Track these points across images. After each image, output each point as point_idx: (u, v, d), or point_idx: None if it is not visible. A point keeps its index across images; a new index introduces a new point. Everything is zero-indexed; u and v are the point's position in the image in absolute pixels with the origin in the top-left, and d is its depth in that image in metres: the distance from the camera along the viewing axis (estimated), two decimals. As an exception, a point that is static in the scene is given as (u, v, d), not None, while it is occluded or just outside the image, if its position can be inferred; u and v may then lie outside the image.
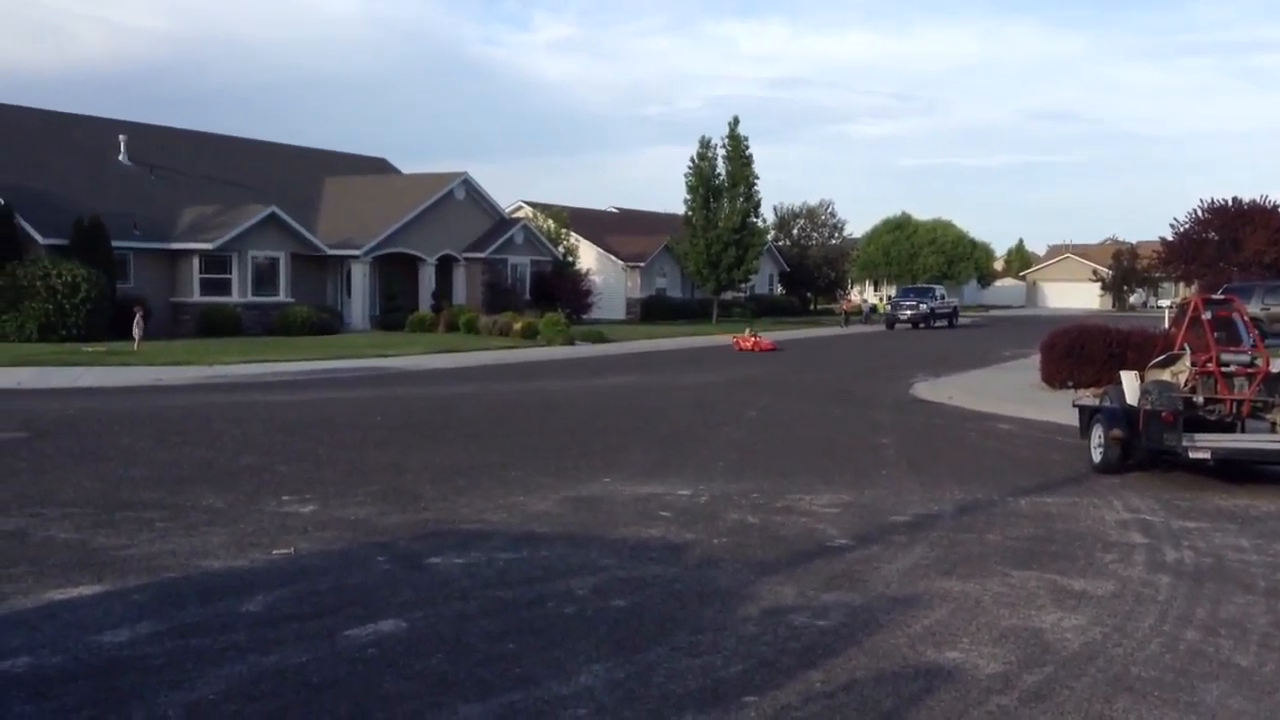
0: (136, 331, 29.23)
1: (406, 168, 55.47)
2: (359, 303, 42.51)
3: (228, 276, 37.22)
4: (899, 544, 8.23)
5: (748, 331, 36.26)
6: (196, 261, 36.53)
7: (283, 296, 38.76)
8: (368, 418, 15.81)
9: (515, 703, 4.99)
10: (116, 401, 17.46)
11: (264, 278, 38.52)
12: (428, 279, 45.09)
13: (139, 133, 42.18)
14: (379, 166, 53.94)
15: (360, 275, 42.38)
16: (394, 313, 42.51)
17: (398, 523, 8.79)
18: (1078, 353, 19.86)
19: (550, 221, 53.59)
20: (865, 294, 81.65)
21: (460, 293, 45.81)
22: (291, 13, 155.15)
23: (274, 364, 25.70)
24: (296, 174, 46.47)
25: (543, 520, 8.96)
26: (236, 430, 14.12)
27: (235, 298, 37.20)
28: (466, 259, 46.12)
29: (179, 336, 34.60)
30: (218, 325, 35.57)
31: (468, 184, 46.68)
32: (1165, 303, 49.63)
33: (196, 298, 36.65)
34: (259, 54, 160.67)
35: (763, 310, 61.02)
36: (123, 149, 40.07)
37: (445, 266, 45.87)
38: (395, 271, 43.88)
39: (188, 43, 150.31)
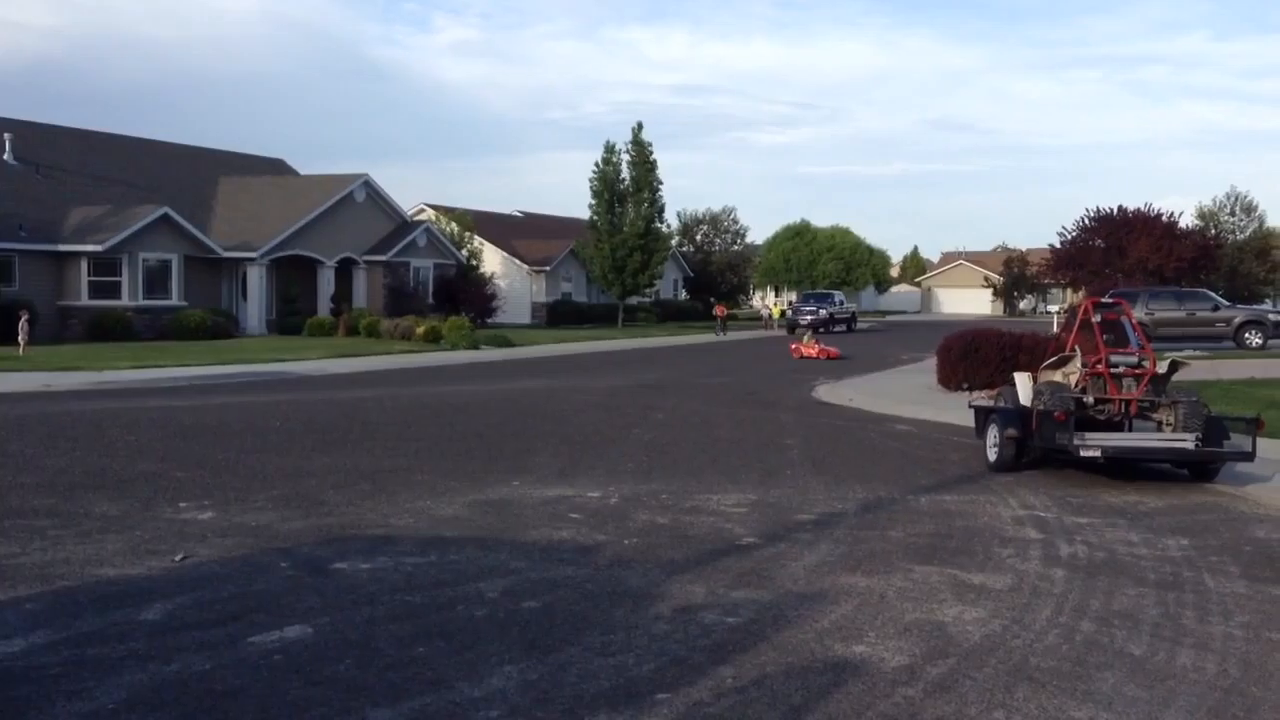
0: (22, 336, 28.20)
1: (305, 169, 54.49)
2: (255, 306, 41.60)
3: (118, 279, 36.11)
4: (805, 542, 8.36)
5: (807, 339, 34.07)
6: (85, 264, 35.38)
7: (175, 300, 37.75)
8: (267, 423, 15.48)
9: (426, 706, 4.94)
10: (3, 408, 16.81)
11: (156, 281, 37.47)
12: (327, 282, 44.34)
13: (25, 131, 40.65)
14: (276, 167, 52.85)
15: (256, 278, 41.49)
16: (292, 316, 41.70)
17: (301, 528, 8.63)
18: (972, 356, 20.38)
19: (454, 225, 53.15)
20: (768, 299, 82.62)
21: (361, 296, 45.15)
22: (187, 10, 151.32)
23: (167, 369, 25.01)
24: (190, 174, 45.29)
25: (451, 524, 8.89)
26: (130, 436, 13.71)
27: (126, 301, 36.11)
28: (367, 262, 45.47)
29: (67, 341, 33.47)
30: (107, 330, 34.48)
31: (368, 185, 46.04)
32: (1054, 308, 51.17)
33: (85, 301, 35.48)
34: (152, 51, 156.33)
35: (668, 315, 61.39)
36: (7, 147, 38.58)
37: (345, 269, 45.17)
38: (293, 274, 43.04)
39: (78, 39, 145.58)
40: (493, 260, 56.79)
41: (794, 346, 33.05)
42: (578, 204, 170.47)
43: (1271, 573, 7.61)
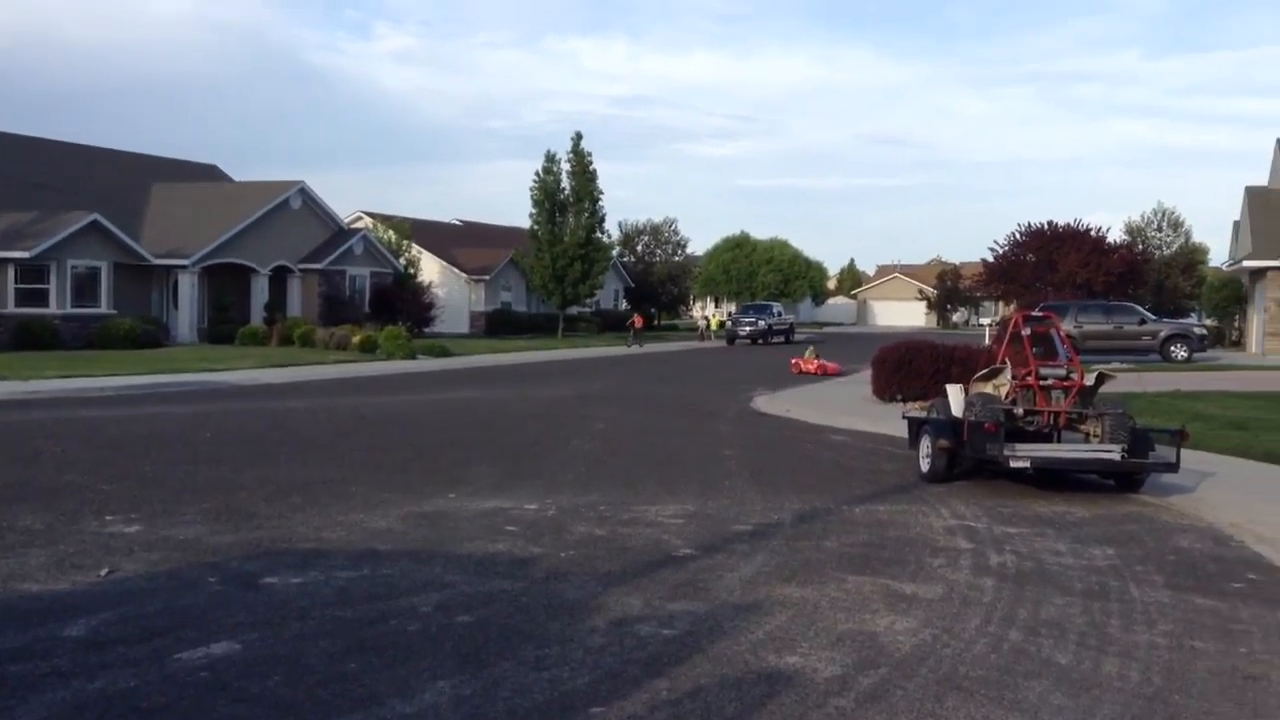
0: (-57, 344, 27.47)
1: (240, 175, 53.71)
2: (187, 315, 40.94)
3: (45, 287, 35.36)
4: (742, 552, 8.40)
5: (808, 354, 32.30)
6: (11, 271, 34.61)
7: (105, 308, 37.03)
8: (197, 434, 15.22)
9: (357, 722, 4.89)
10: (-81, 418, 16.34)
11: (84, 288, 36.73)
12: (261, 290, 43.77)
13: (-53, 134, 39.68)
14: (210, 174, 52.08)
15: (188, 286, 40.85)
16: (224, 325, 41.08)
17: (230, 542, 8.49)
18: (906, 367, 20.65)
19: (391, 233, 52.72)
20: (706, 310, 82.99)
21: (295, 305, 44.62)
22: (118, 13, 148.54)
23: (95, 378, 24.47)
24: (121, 180, 44.46)
25: (384, 537, 8.79)
26: (56, 447, 13.39)
27: (53, 309, 35.36)
28: (302, 270, 44.96)
29: (-10, 349, 32.64)
30: (34, 338, 33.72)
31: (304, 193, 45.55)
32: (986, 320, 52.02)
33: (11, 309, 34.67)
34: (82, 54, 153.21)
35: (609, 325, 61.38)
36: (-71, 151, 37.65)
37: (280, 278, 44.61)
38: (226, 282, 42.43)
39: (4, 41, 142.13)
40: (431, 269, 56.45)
41: (794, 361, 31.85)
42: (518, 213, 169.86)
43: (1194, 582, 7.79)
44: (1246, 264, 41.23)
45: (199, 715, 4.93)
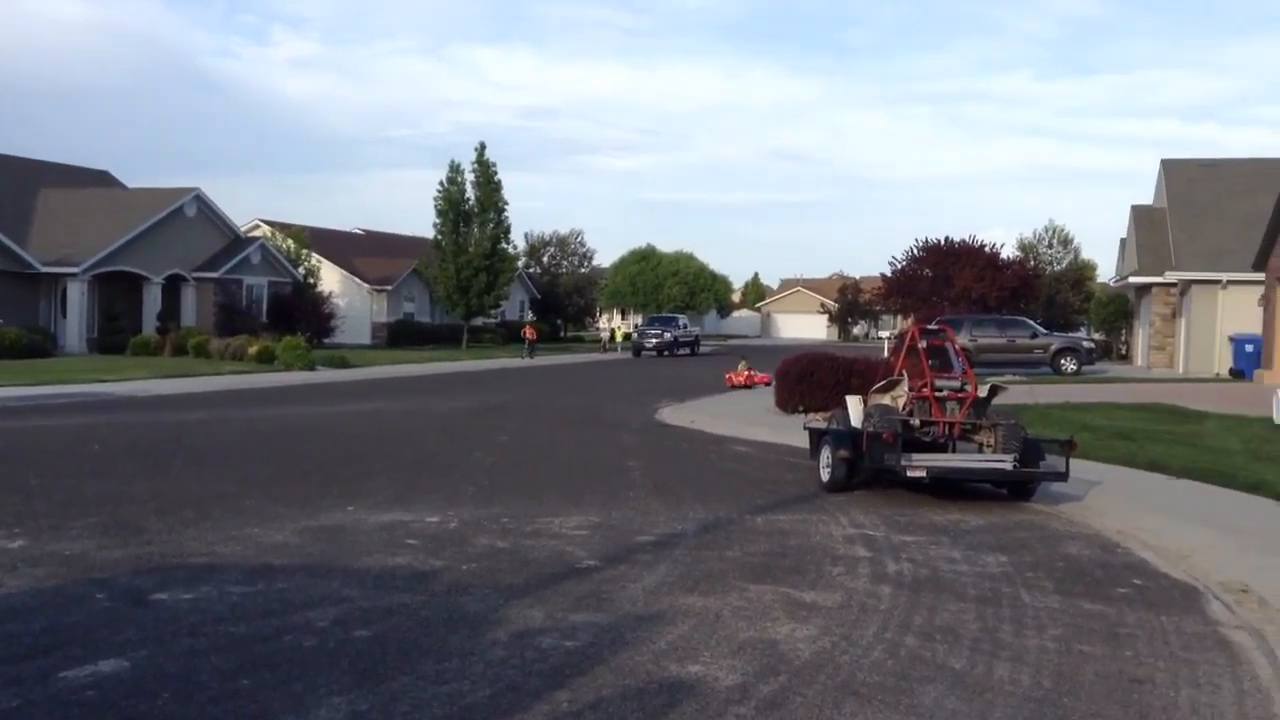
0: None
1: (133, 182, 52.17)
2: (76, 324, 39.62)
3: (-77, 294, 33.89)
4: (645, 563, 8.41)
5: (741, 366, 31.07)
6: (-115, 277, 33.08)
7: (-12, 316, 35.62)
8: (85, 446, 14.72)
9: (250, 741, 4.76)
10: None
11: (-34, 296, 35.30)
12: (154, 299, 42.59)
13: None
14: (101, 180, 50.51)
15: (78, 294, 39.55)
16: (115, 335, 39.86)
17: (119, 557, 8.22)
18: (808, 379, 20.93)
19: (290, 241, 51.72)
20: (612, 322, 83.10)
21: (190, 314, 43.51)
22: (6, 14, 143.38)
23: (-24, 389, 23.51)
24: (7, 185, 42.83)
25: (280, 552, 8.60)
26: (-69, 461, 12.83)
27: (-68, 317, 33.90)
28: (197, 279, 43.87)
29: None
30: (-89, 347, 32.30)
31: (200, 200, 44.47)
32: (885, 334, 53.00)
33: (-115, 316, 33.15)
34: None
35: (514, 337, 61.03)
36: None
37: (174, 286, 43.46)
38: (117, 291, 41.19)
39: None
40: (331, 278, 55.49)
41: (728, 375, 30.74)
42: (421, 223, 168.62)
43: (1083, 588, 8.03)
44: (1133, 280, 42.77)
45: (82, 737, 4.76)
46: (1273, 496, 11.36)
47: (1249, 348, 32.94)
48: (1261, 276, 32.15)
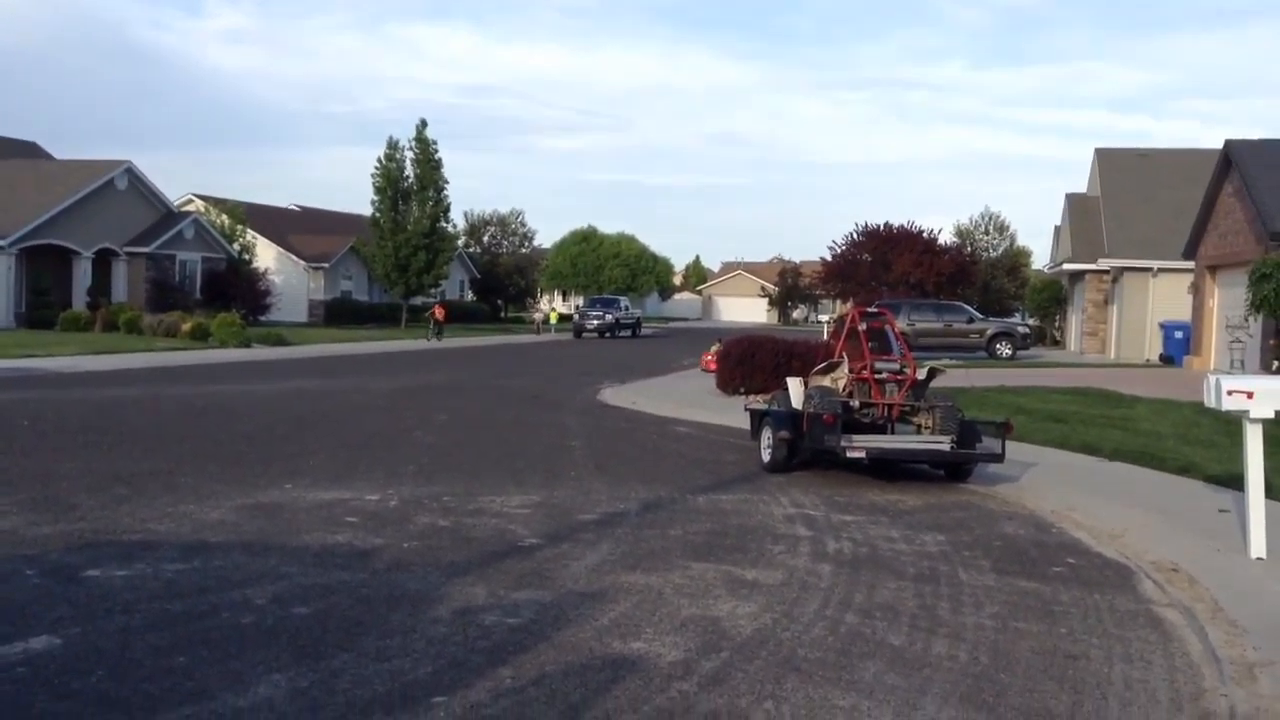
0: None
1: (62, 154, 50.91)
2: (3, 299, 38.67)
3: None
4: (587, 541, 8.40)
5: (715, 348, 26.87)
6: None
7: (-91, 289, 34.59)
8: (13, 423, 14.35)
9: (186, 718, 4.68)
10: None
11: (-114, 267, 34.23)
12: (83, 274, 41.65)
13: None
14: (28, 150, 49.25)
15: (4, 268, 38.55)
16: (44, 310, 38.95)
17: (49, 534, 8.03)
18: (748, 361, 21.03)
19: (225, 217, 50.85)
20: (550, 303, 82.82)
21: (121, 290, 42.62)
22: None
23: (-103, 363, 22.84)
24: (-72, 153, 41.59)
25: (216, 529, 8.46)
26: None
27: None
28: (129, 253, 42.98)
29: None
30: None
31: (131, 173, 43.53)
32: (824, 317, 53.41)
33: None
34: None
35: (454, 316, 60.59)
36: None
37: (104, 261, 42.53)
38: (46, 265, 40.21)
39: None
40: (267, 255, 54.66)
41: (704, 356, 27.51)
42: (358, 201, 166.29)
43: (1018, 566, 8.16)
44: (1067, 267, 43.52)
45: (16, 713, 4.64)
46: (1202, 478, 11.64)
47: (1179, 334, 33.70)
48: (1191, 265, 32.88)
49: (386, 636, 5.87)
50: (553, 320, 62.54)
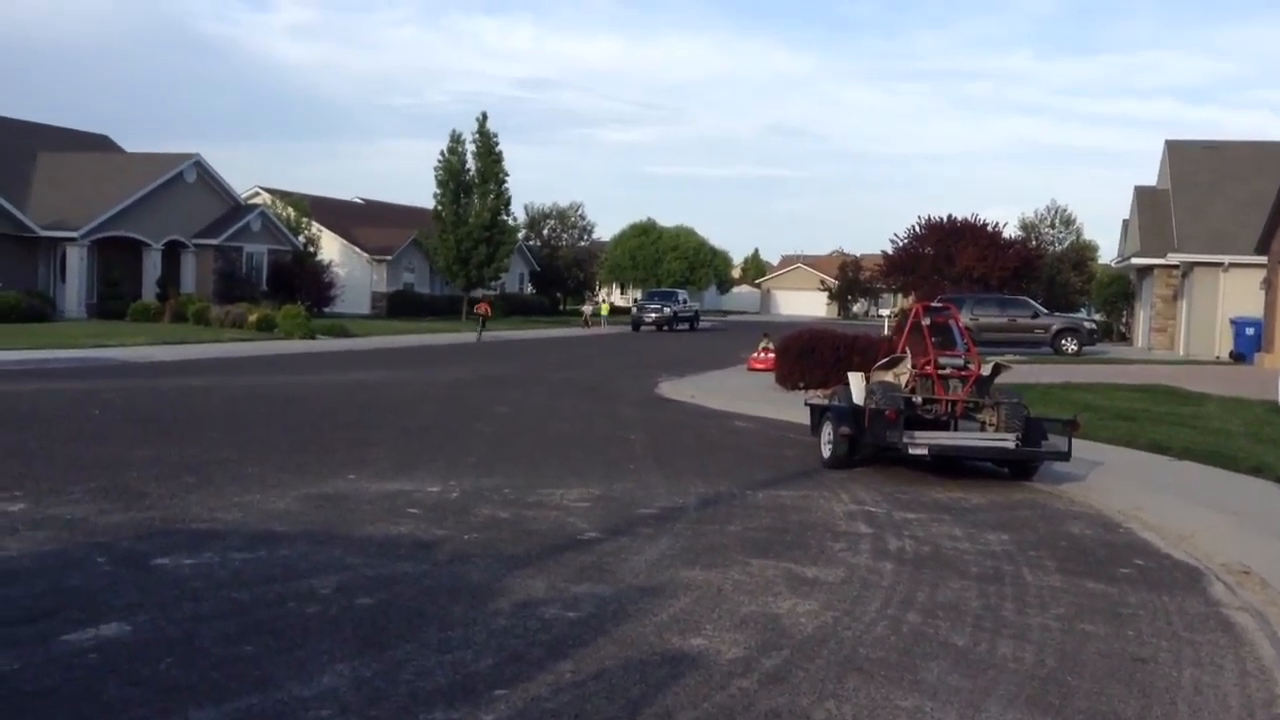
0: None
1: (132, 147, 51.95)
2: (75, 289, 39.55)
3: (-79, 256, 33.79)
4: (646, 536, 8.40)
5: (763, 344, 25.95)
6: (-117, 238, 32.96)
7: (-13, 280, 35.54)
8: (85, 411, 14.69)
9: (252, 706, 4.75)
10: None
11: (-35, 259, 35.20)
12: (153, 265, 42.50)
13: None
14: (101, 144, 50.30)
15: (77, 259, 39.44)
16: (115, 300, 39.79)
17: (120, 521, 8.20)
18: (809, 356, 20.88)
19: (290, 209, 51.57)
20: (607, 296, 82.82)
21: (190, 281, 43.42)
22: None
23: (-25, 352, 23.48)
24: (5, 148, 42.64)
25: (282, 518, 8.59)
26: (-70, 423, 12.81)
27: (-70, 280, 33.81)
28: (197, 245, 43.76)
29: None
30: (-91, 310, 32.24)
31: (200, 166, 44.29)
32: (885, 312, 52.90)
33: (-117, 278, 33.07)
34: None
35: (513, 309, 60.99)
36: None
37: (173, 252, 43.36)
38: (117, 256, 41.08)
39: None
40: (331, 247, 55.37)
41: (750, 359, 26.27)
42: (420, 193, 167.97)
43: (1084, 567, 8.02)
44: (1135, 261, 42.70)
45: (87, 699, 4.74)
46: (1274, 479, 11.35)
47: (1250, 331, 32.92)
48: (1263, 260, 32.09)
49: (448, 628, 5.92)
50: (604, 313, 62.54)
